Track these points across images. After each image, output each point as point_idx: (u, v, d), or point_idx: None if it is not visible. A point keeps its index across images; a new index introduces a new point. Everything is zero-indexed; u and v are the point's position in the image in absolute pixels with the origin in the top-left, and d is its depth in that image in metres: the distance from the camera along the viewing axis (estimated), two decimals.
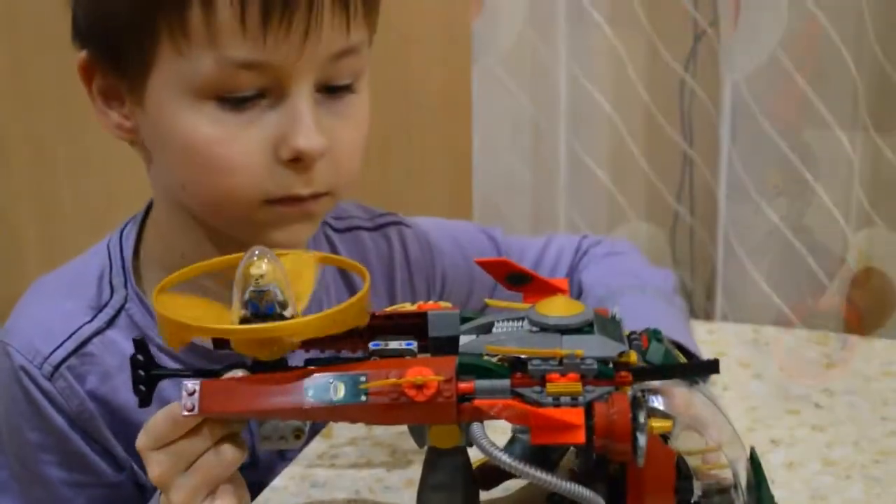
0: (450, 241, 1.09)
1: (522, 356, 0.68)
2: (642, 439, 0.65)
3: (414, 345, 0.73)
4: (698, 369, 0.73)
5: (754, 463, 0.74)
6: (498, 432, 0.69)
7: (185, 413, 0.70)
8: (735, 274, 1.25)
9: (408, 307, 0.77)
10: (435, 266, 1.07)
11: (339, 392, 0.69)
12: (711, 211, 1.34)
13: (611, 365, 0.68)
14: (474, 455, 0.73)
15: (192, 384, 0.71)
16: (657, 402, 0.71)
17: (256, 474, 0.91)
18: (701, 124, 1.35)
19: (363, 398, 0.69)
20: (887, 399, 0.98)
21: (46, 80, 1.85)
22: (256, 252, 0.71)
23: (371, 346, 0.74)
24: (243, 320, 0.71)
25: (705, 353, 1.06)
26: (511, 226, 1.42)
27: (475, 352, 0.70)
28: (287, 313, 0.71)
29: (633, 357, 0.69)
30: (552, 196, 1.42)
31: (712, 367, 0.70)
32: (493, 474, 0.80)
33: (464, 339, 0.72)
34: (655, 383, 0.72)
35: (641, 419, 0.65)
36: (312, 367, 0.71)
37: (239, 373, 0.72)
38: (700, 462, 0.73)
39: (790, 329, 1.18)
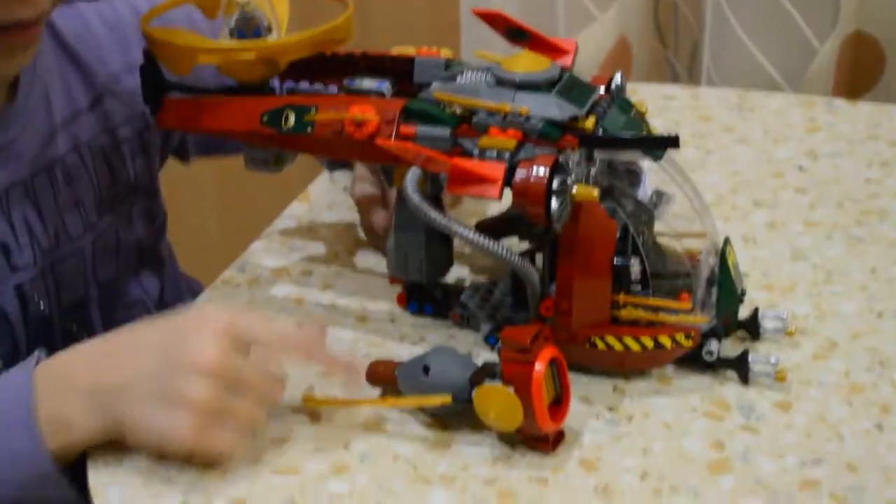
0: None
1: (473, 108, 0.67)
2: (555, 203, 0.63)
3: (386, 85, 0.73)
4: (653, 143, 0.69)
5: (722, 255, 0.71)
6: None
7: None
8: (723, 37, 1.22)
9: (410, 50, 0.76)
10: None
11: (290, 121, 0.71)
12: None
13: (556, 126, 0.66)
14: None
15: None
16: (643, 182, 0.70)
17: None
18: None
19: (308, 129, 0.71)
20: (871, 161, 0.97)
21: None
22: None
23: (345, 82, 0.74)
24: None
25: (689, 119, 1.05)
26: None
27: (431, 99, 0.69)
28: (272, 38, 0.73)
29: (590, 123, 0.67)
30: None
31: (669, 141, 0.66)
32: (496, 226, 0.76)
33: (434, 86, 0.71)
34: (640, 161, 0.70)
35: (556, 184, 0.63)
36: (274, 96, 0.74)
37: None
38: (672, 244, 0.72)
39: (775, 93, 1.16)
